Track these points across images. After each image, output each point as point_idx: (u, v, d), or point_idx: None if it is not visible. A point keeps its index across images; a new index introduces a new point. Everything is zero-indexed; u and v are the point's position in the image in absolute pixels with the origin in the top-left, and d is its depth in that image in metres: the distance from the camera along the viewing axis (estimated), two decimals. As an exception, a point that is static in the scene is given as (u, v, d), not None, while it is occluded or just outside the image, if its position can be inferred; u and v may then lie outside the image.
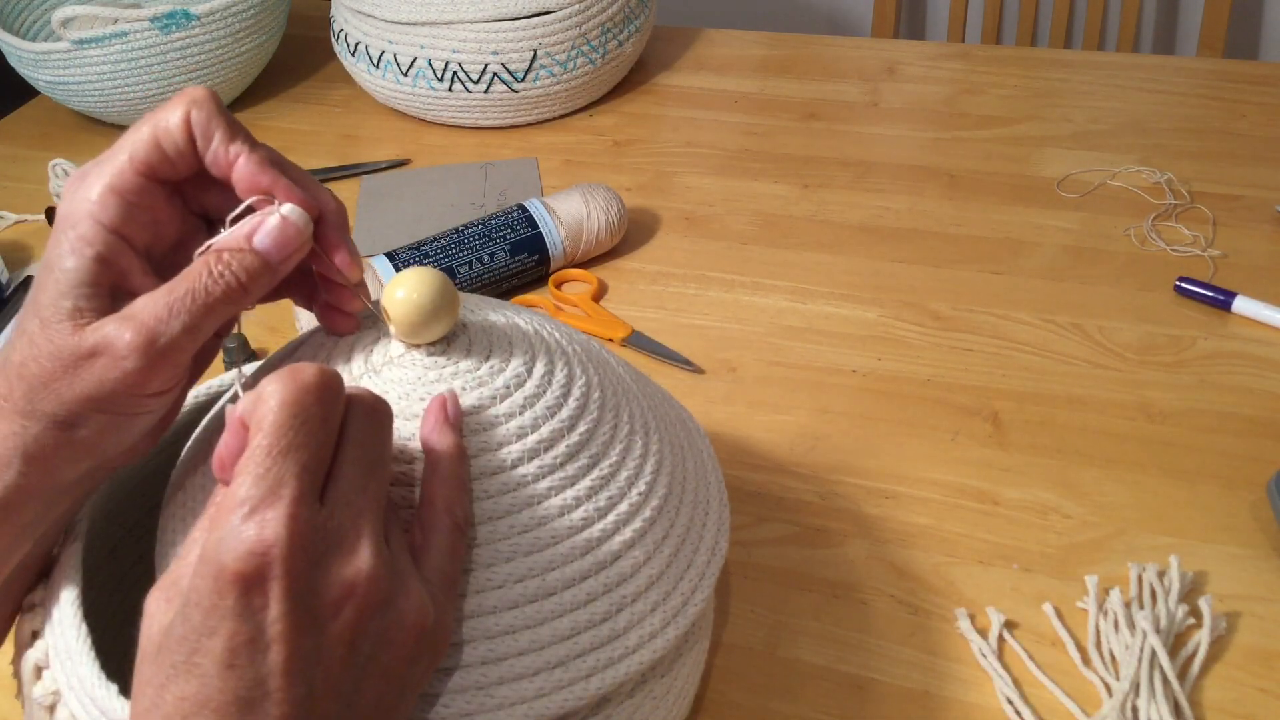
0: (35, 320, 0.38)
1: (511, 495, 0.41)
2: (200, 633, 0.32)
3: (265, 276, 0.39)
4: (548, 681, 0.40)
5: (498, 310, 0.46)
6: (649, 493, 0.44)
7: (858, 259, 0.87)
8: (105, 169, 0.39)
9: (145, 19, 1.01)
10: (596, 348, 0.49)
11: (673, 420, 0.50)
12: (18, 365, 0.38)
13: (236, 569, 0.32)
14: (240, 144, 0.40)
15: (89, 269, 0.38)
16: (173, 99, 0.40)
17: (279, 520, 0.32)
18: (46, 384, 0.38)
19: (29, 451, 0.38)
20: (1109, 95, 1.04)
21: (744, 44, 1.19)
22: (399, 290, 0.41)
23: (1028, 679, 0.56)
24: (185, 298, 0.38)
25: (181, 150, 0.40)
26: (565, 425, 0.43)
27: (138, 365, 0.37)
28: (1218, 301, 0.78)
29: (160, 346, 0.37)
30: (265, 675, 0.32)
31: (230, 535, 0.32)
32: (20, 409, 0.38)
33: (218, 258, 0.39)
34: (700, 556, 0.45)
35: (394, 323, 0.41)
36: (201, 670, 0.32)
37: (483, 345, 0.43)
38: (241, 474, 0.33)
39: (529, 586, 0.40)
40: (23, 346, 0.38)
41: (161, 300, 0.38)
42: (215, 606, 0.32)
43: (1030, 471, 0.68)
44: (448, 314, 0.42)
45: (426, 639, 0.36)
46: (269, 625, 0.32)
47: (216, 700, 0.32)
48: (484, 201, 0.96)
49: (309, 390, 0.34)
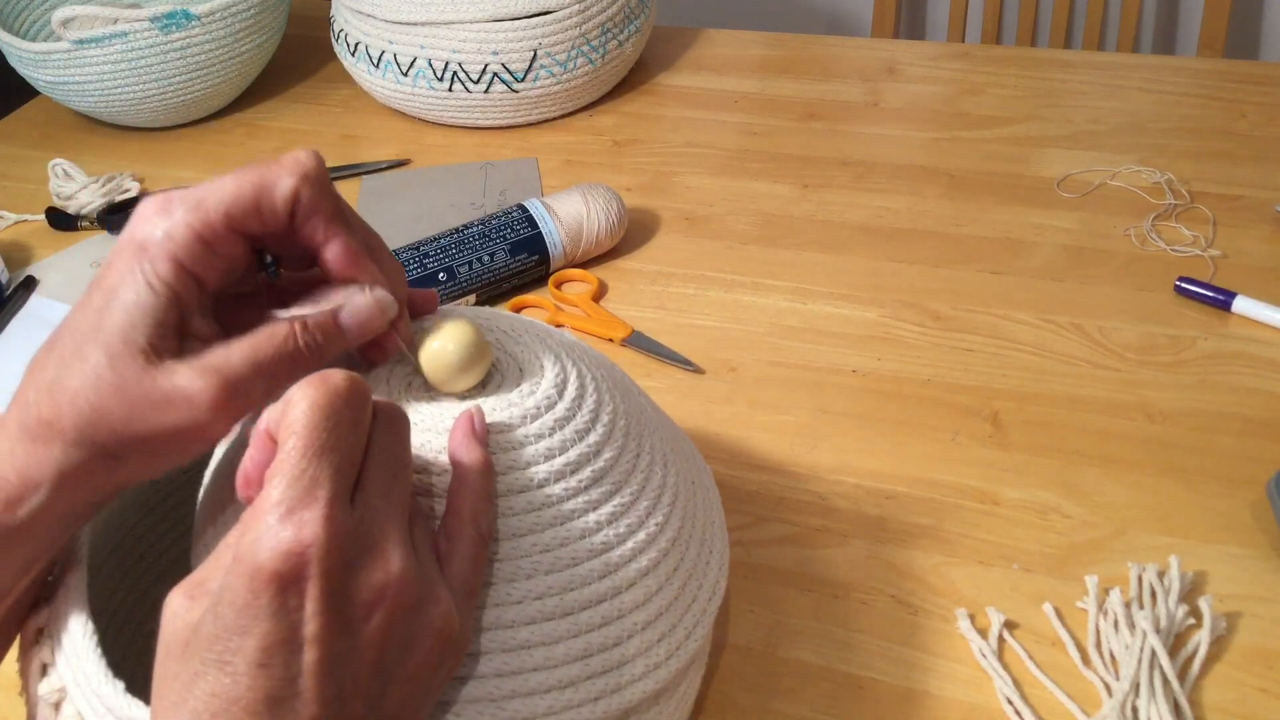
0: (99, 349, 0.37)
1: (536, 514, 0.41)
2: (233, 631, 0.32)
3: (341, 349, 0.40)
4: (558, 700, 0.40)
5: (529, 333, 0.47)
6: (665, 523, 0.45)
7: (858, 259, 0.87)
8: (194, 210, 0.38)
9: (145, 19, 1.01)
10: (621, 375, 0.50)
11: (686, 455, 0.51)
12: (72, 392, 0.37)
13: (273, 568, 0.32)
14: (339, 227, 0.40)
15: (165, 308, 0.37)
16: (285, 163, 0.39)
17: (316, 521, 0.33)
18: (104, 417, 0.37)
19: (64, 477, 0.38)
20: (1109, 95, 1.04)
21: (744, 44, 1.19)
22: (434, 342, 0.42)
23: (1028, 679, 0.56)
24: (271, 361, 0.38)
25: (280, 218, 0.39)
26: (592, 450, 0.43)
27: (213, 418, 0.37)
28: (1218, 301, 0.78)
29: (239, 403, 0.38)
30: (297, 675, 0.32)
31: (267, 535, 0.32)
32: (66, 436, 0.37)
33: (304, 327, 0.39)
34: (704, 592, 0.46)
35: (428, 374, 0.42)
36: (233, 668, 0.32)
37: (514, 372, 0.44)
38: (275, 476, 0.33)
39: (547, 604, 0.40)
40: (80, 373, 0.37)
41: (248, 359, 0.38)
42: (249, 605, 0.32)
43: (1030, 471, 0.68)
44: (480, 365, 0.43)
45: (450, 646, 0.37)
46: (304, 625, 0.32)
47: (247, 698, 0.32)
48: (484, 201, 0.96)
49: (340, 394, 0.35)
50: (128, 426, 0.37)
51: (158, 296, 0.37)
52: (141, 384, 0.37)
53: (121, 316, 0.37)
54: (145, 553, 0.53)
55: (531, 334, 0.47)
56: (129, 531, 0.52)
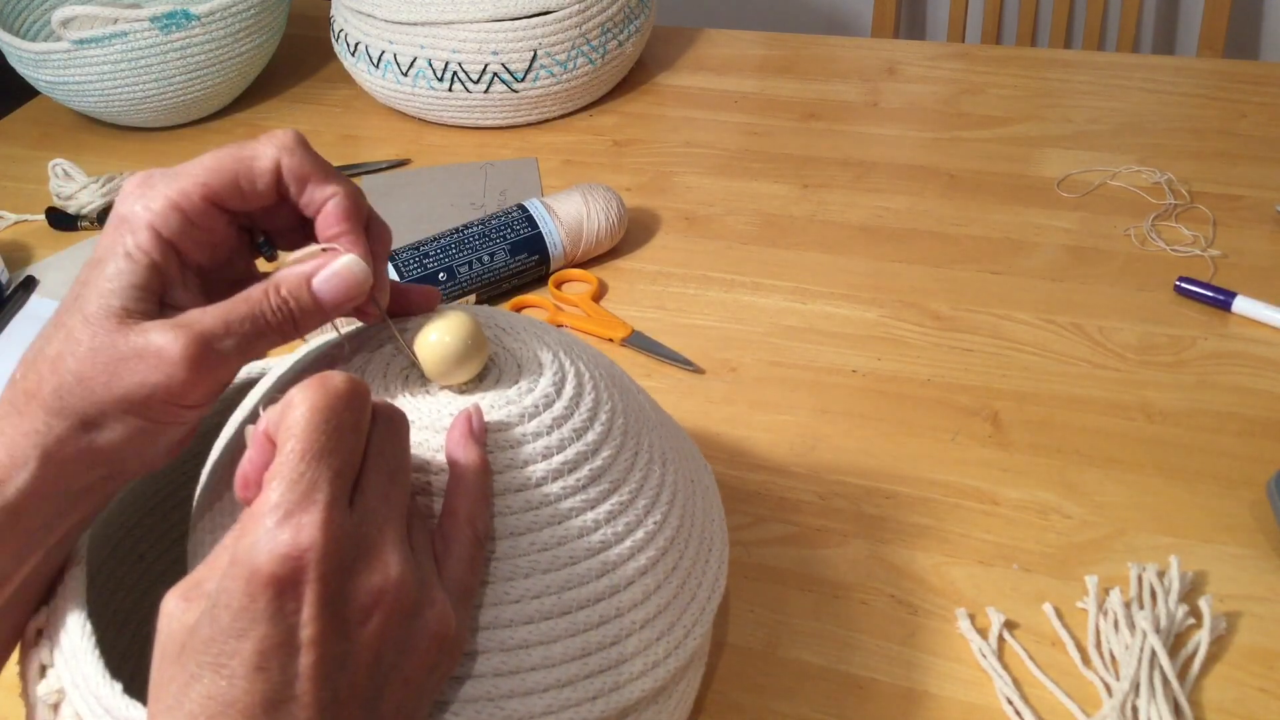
0: (78, 315, 0.38)
1: (534, 513, 0.41)
2: (229, 634, 0.32)
3: (317, 317, 0.40)
4: (556, 699, 0.40)
5: (527, 331, 0.47)
6: (664, 522, 0.44)
7: (858, 259, 0.87)
8: (174, 185, 0.40)
9: (145, 19, 1.01)
10: (620, 372, 0.50)
11: (686, 454, 0.50)
12: (52, 358, 0.38)
13: (271, 572, 0.32)
14: (335, 186, 0.41)
15: (143, 274, 0.38)
16: (261, 141, 0.41)
17: (314, 525, 0.33)
18: (81, 380, 0.37)
19: (48, 451, 0.38)
20: (1109, 95, 1.04)
21: (744, 44, 1.19)
22: (431, 334, 0.42)
23: (1028, 679, 0.56)
24: (244, 321, 0.39)
25: (260, 193, 0.41)
26: (590, 449, 0.43)
27: (185, 375, 0.37)
28: (1218, 301, 0.78)
29: (210, 360, 0.38)
30: (293, 678, 0.32)
31: (265, 538, 0.32)
32: (47, 404, 0.38)
33: (277, 291, 0.39)
34: (703, 590, 0.46)
35: (424, 365, 0.42)
36: (229, 671, 0.32)
37: (512, 369, 0.44)
38: (274, 479, 0.33)
39: (545, 603, 0.40)
40: (59, 340, 0.38)
41: (220, 316, 0.38)
42: (246, 609, 0.32)
43: (1030, 471, 0.68)
44: (477, 357, 0.43)
45: (446, 647, 0.37)
46: (301, 629, 0.32)
47: (243, 702, 0.32)
48: (484, 201, 0.96)
49: (340, 397, 0.35)
50: (105, 389, 0.37)
51: (135, 264, 0.38)
52: (115, 344, 0.37)
53: (101, 285, 0.38)
54: (144, 554, 0.53)
55: (529, 331, 0.47)
56: (128, 532, 0.52)
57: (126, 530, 0.52)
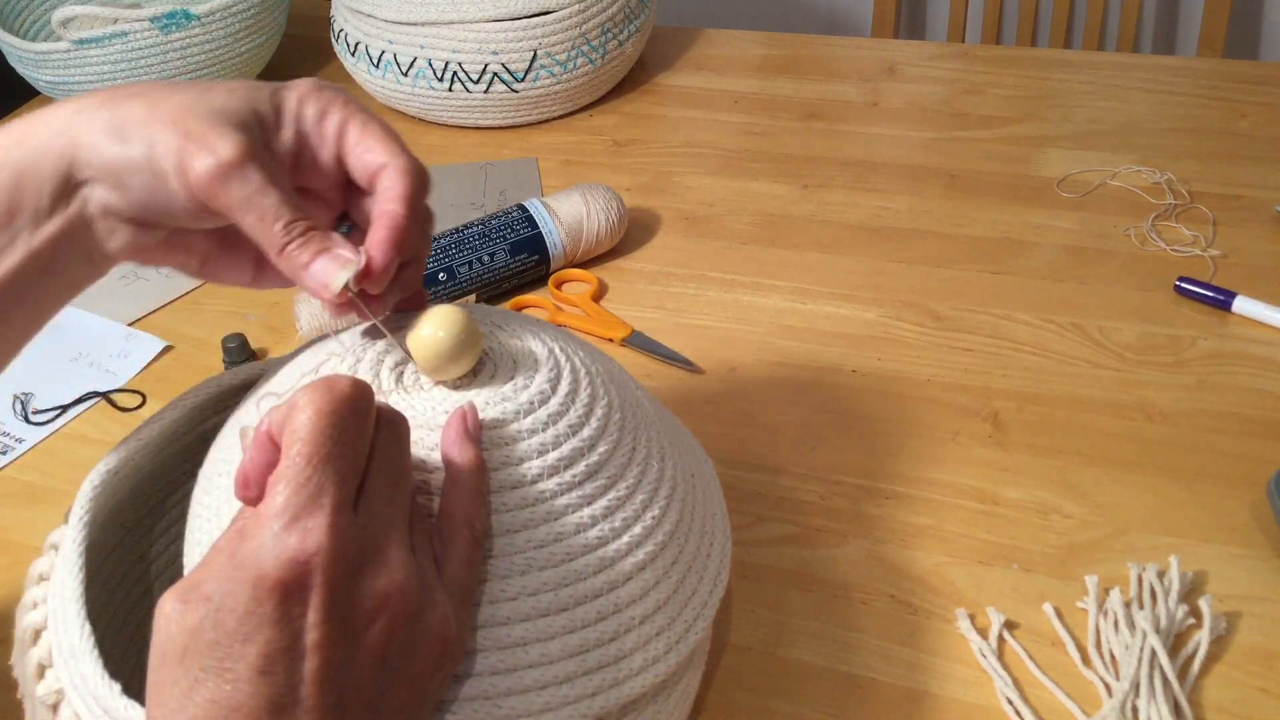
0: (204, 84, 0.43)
1: (530, 510, 0.41)
2: (235, 638, 0.32)
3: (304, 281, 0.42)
4: (554, 697, 0.40)
5: (523, 327, 0.47)
6: (662, 517, 0.44)
7: (858, 259, 0.87)
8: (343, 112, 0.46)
9: (145, 19, 1.01)
10: (617, 369, 0.50)
11: (686, 448, 0.50)
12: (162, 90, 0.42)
13: (278, 576, 0.32)
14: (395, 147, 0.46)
15: (269, 113, 0.43)
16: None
17: (321, 529, 0.33)
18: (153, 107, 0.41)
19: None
20: (1109, 95, 1.04)
21: (744, 44, 1.19)
22: (424, 329, 0.42)
23: (1028, 679, 0.56)
24: (261, 213, 0.41)
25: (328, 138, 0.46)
26: (586, 445, 0.43)
27: (210, 175, 0.39)
28: (1218, 301, 0.78)
29: (231, 186, 0.40)
30: (298, 683, 0.32)
31: (271, 543, 0.32)
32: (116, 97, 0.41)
33: (304, 231, 0.41)
34: (704, 585, 0.46)
35: (418, 361, 0.42)
36: (234, 675, 0.32)
37: (507, 365, 0.44)
38: (279, 483, 0.33)
39: (542, 600, 0.40)
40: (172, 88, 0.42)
41: (259, 183, 0.40)
42: (252, 613, 0.32)
43: (1030, 471, 0.68)
44: (471, 352, 0.42)
45: (448, 649, 0.37)
46: (306, 633, 0.33)
47: (248, 705, 0.32)
48: (484, 201, 0.96)
49: (345, 400, 0.35)
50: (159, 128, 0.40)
51: (270, 102, 0.44)
52: (195, 106, 0.41)
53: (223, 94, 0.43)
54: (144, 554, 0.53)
55: (524, 326, 0.47)
56: (128, 532, 0.52)
57: (125, 531, 0.52)
